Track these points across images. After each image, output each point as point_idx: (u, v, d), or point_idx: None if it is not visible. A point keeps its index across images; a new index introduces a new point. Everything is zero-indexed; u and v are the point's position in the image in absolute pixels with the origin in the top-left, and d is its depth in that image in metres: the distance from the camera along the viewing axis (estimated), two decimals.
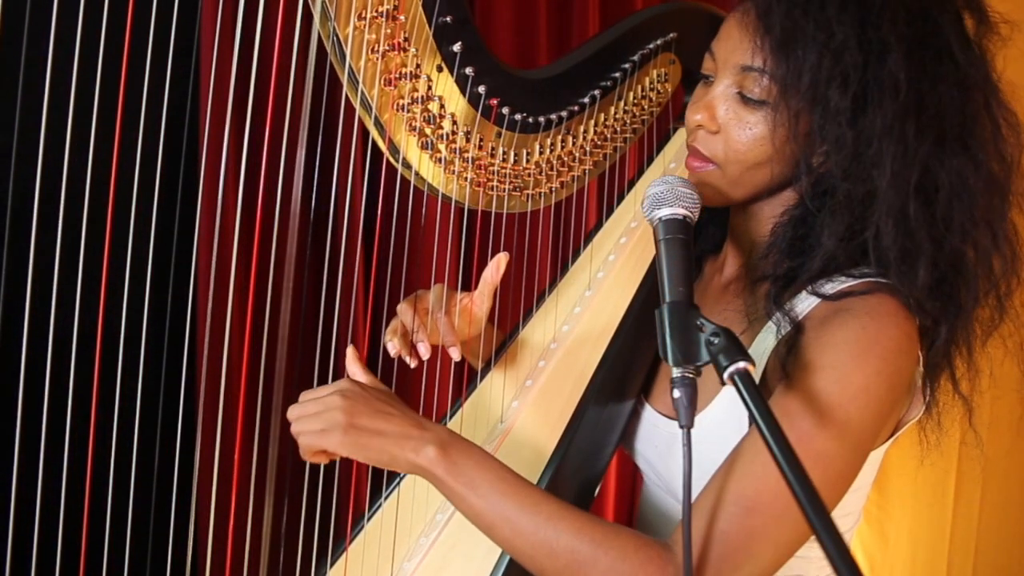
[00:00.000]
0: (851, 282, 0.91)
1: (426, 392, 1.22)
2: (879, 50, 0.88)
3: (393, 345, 1.09)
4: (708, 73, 1.00)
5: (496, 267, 1.13)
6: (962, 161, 0.90)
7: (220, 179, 1.10)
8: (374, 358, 1.79)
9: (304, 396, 0.93)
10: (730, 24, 0.98)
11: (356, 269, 1.76)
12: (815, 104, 0.89)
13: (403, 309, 1.12)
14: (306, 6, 0.90)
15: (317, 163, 1.12)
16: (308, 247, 1.65)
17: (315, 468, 1.03)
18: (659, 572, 0.84)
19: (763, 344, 0.96)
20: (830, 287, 0.92)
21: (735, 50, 0.96)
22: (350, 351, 1.03)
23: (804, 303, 0.93)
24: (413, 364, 1.10)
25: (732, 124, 0.96)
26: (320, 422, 0.89)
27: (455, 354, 1.08)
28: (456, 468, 0.88)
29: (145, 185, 0.91)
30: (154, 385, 1.08)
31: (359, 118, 1.00)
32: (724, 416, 0.94)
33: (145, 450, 0.96)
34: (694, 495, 0.93)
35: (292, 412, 0.92)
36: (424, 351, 1.09)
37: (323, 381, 1.43)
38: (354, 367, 1.02)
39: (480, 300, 1.15)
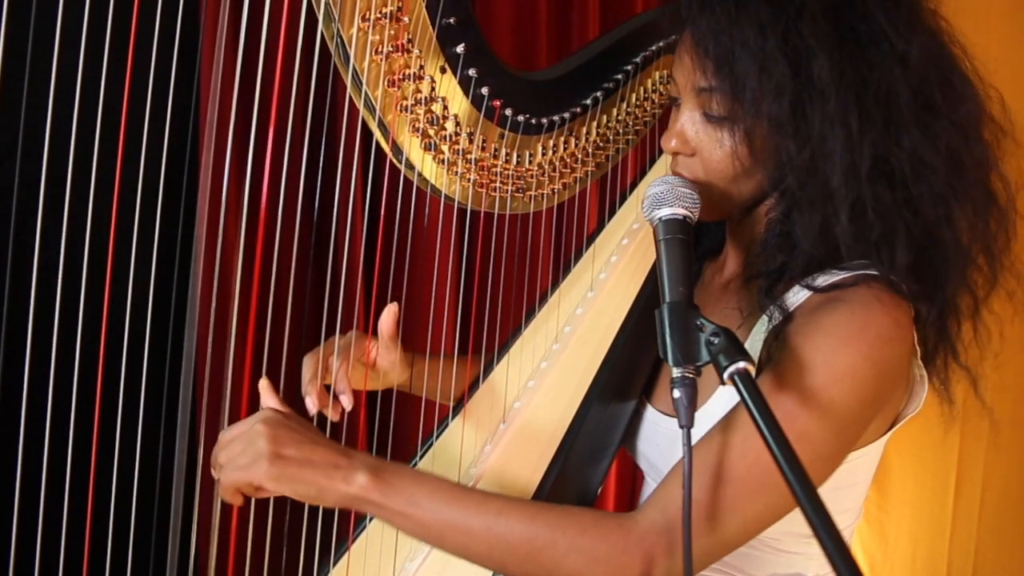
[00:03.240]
0: (842, 275, 0.92)
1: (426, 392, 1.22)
2: (805, 57, 0.88)
3: (312, 402, 1.04)
4: (675, 95, 1.02)
5: (389, 317, 1.10)
6: (917, 138, 0.90)
7: (223, 179, 1.10)
8: None
9: (224, 435, 0.88)
10: (681, 48, 0.99)
11: (358, 269, 1.76)
12: (759, 118, 0.91)
13: (308, 363, 1.09)
14: (310, 7, 0.91)
15: (320, 163, 1.12)
16: (311, 247, 1.65)
17: None
18: (622, 541, 0.84)
19: (757, 338, 0.97)
20: (822, 280, 0.92)
21: (689, 73, 0.97)
22: (263, 384, 0.95)
23: (796, 296, 0.94)
24: (335, 418, 1.05)
25: (704, 145, 0.98)
26: (244, 456, 0.84)
27: (346, 403, 1.06)
28: (392, 489, 0.85)
29: (148, 186, 0.91)
30: (157, 385, 1.08)
31: (362, 119, 1.00)
32: (723, 411, 0.95)
33: (147, 450, 0.96)
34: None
35: (218, 455, 0.87)
36: (347, 402, 1.06)
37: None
38: (270, 400, 0.95)
39: (384, 352, 1.14)
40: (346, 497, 0.85)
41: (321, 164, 1.11)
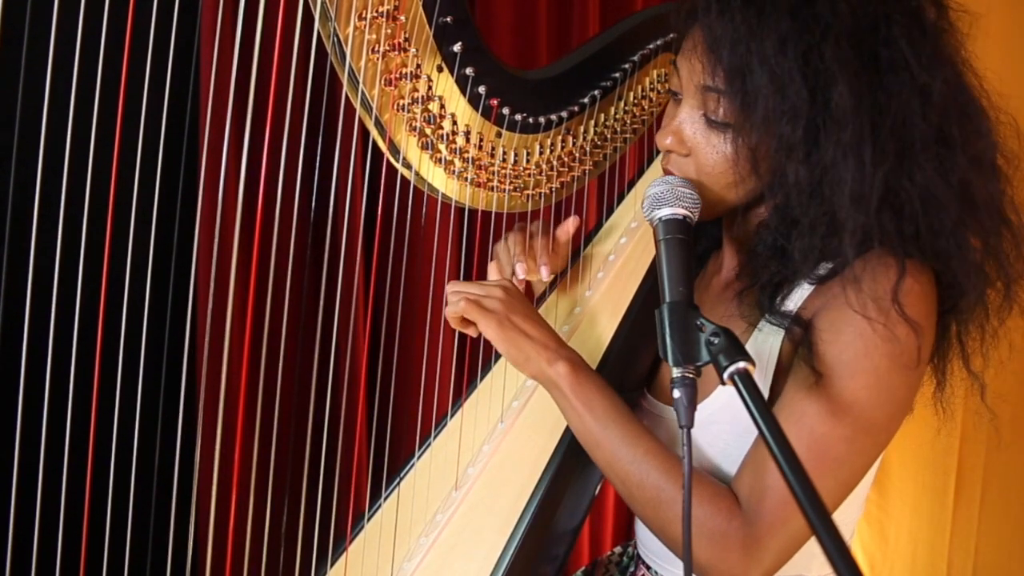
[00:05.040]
0: (833, 263, 0.92)
1: (426, 392, 1.22)
2: (824, 82, 0.86)
3: (522, 268, 1.16)
4: (676, 90, 1.00)
5: (573, 224, 1.21)
6: (930, 172, 0.88)
7: (220, 179, 1.10)
8: (374, 358, 1.79)
9: (460, 284, 1.04)
10: (690, 42, 0.96)
11: (356, 269, 1.76)
12: (769, 137, 0.89)
13: (512, 242, 1.19)
14: (306, 6, 0.90)
15: (317, 163, 1.12)
16: (308, 247, 1.65)
17: (315, 468, 1.03)
18: (726, 523, 0.89)
19: (764, 344, 0.96)
20: (822, 269, 0.93)
21: (695, 70, 0.95)
22: (495, 265, 1.17)
23: (797, 292, 0.95)
24: (547, 279, 1.20)
25: (700, 147, 0.96)
26: (484, 301, 1.00)
27: (546, 273, 1.18)
28: (580, 387, 0.96)
29: (145, 185, 0.91)
30: (154, 385, 1.08)
31: (359, 118, 1.00)
32: (729, 401, 0.96)
33: (145, 450, 0.96)
34: (710, 470, 0.98)
35: (452, 286, 1.03)
36: (546, 274, 1.18)
37: (323, 381, 1.43)
38: (496, 276, 1.16)
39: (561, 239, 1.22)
40: (542, 374, 0.98)
41: (318, 164, 1.10)
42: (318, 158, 1.09)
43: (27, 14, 0.84)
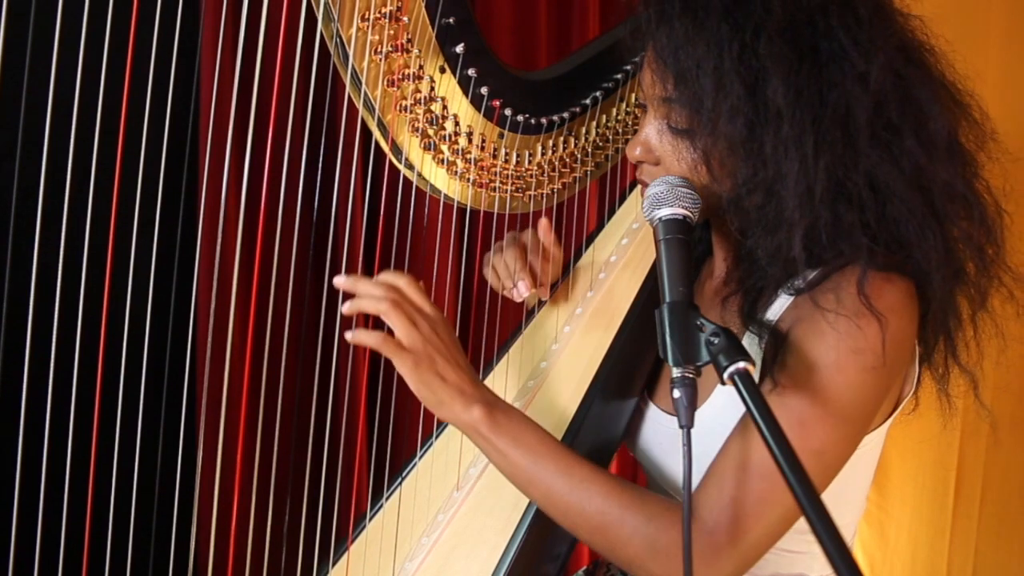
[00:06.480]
0: (813, 272, 0.91)
1: None
2: (760, 78, 0.86)
3: (526, 285, 1.15)
4: (643, 101, 1.01)
5: (544, 229, 1.17)
6: (876, 159, 0.88)
7: (223, 179, 1.10)
8: (376, 358, 1.80)
9: (400, 280, 0.93)
10: (647, 56, 0.97)
11: (358, 270, 1.76)
12: (716, 137, 0.90)
13: (510, 257, 1.15)
14: (309, 7, 0.91)
15: (320, 164, 1.12)
16: (310, 248, 1.65)
17: (316, 469, 1.04)
18: (679, 535, 0.86)
19: (750, 352, 0.96)
20: (799, 281, 0.92)
21: (653, 83, 0.96)
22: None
23: (777, 303, 0.95)
24: (544, 297, 1.19)
25: (667, 155, 0.97)
26: (404, 334, 0.90)
27: (544, 293, 1.19)
28: (499, 428, 0.92)
29: (148, 186, 0.91)
30: (157, 386, 1.08)
31: (362, 119, 1.00)
32: (725, 406, 0.95)
33: (147, 451, 0.96)
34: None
35: (385, 276, 0.93)
36: (545, 293, 1.18)
37: (324, 384, 1.43)
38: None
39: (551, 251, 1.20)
40: (459, 421, 0.93)
41: (321, 164, 1.11)
42: (320, 158, 1.09)
43: (30, 23, 0.85)
